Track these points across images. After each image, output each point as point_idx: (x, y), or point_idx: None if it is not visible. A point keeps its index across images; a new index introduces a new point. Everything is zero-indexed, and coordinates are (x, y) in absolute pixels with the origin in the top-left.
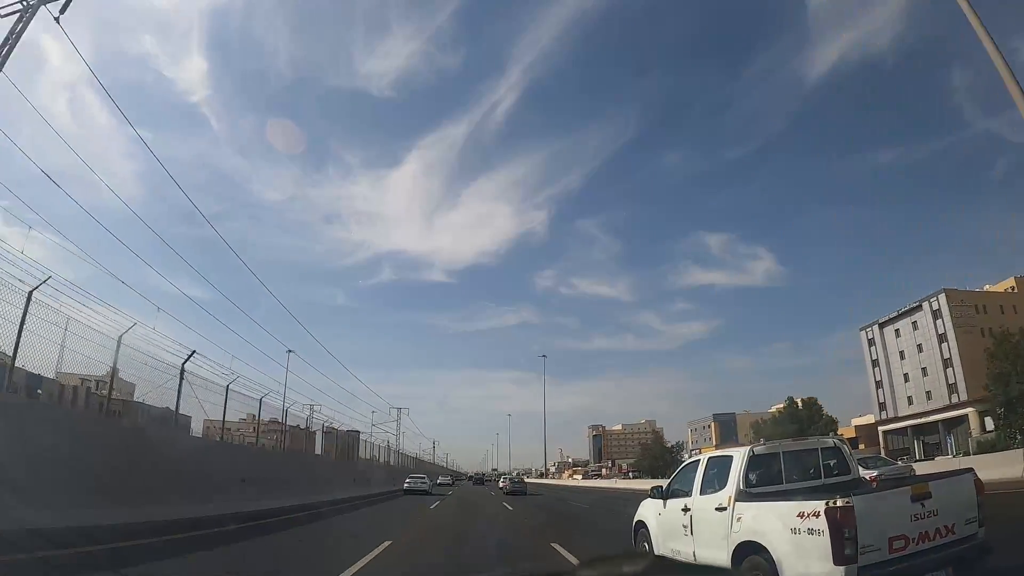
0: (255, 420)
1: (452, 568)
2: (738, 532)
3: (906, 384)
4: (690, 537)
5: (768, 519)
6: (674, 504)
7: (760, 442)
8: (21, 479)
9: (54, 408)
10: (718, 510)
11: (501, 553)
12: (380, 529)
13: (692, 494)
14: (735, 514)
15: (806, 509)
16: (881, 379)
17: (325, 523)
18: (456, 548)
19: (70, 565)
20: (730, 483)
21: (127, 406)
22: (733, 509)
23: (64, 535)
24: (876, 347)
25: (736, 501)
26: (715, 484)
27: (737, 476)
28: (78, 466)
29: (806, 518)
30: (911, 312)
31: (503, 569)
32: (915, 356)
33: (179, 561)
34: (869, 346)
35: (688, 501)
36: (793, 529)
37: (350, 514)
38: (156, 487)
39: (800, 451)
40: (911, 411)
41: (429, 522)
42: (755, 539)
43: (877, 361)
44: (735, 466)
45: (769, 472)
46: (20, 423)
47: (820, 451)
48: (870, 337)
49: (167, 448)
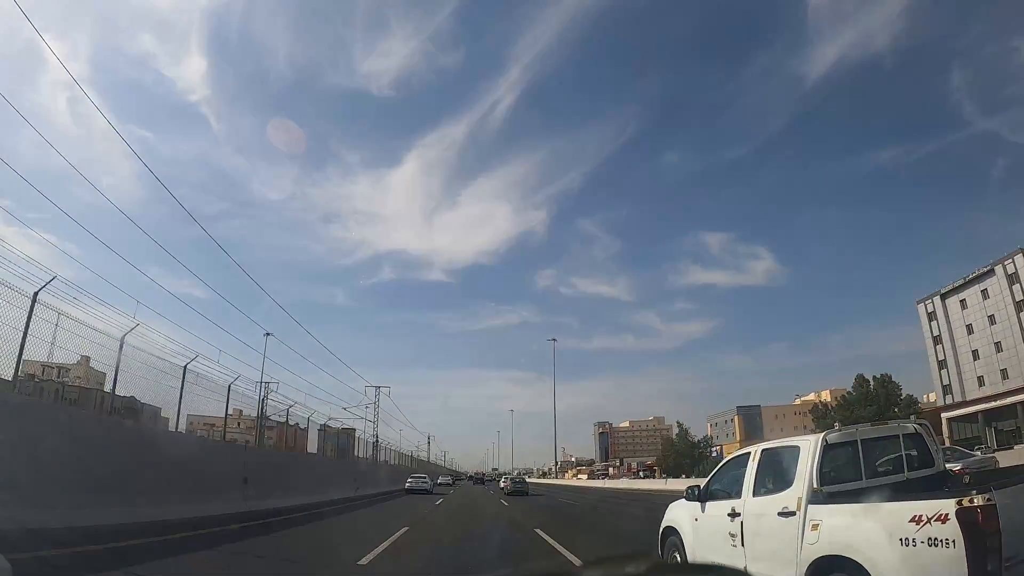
0: (240, 416)
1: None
2: (815, 544)
3: (975, 363)
4: (739, 549)
5: (863, 526)
6: (716, 508)
7: (835, 427)
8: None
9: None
10: (782, 515)
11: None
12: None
13: (742, 495)
14: (808, 520)
15: (926, 511)
16: (945, 358)
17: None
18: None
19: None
20: (798, 480)
21: (85, 394)
22: (805, 514)
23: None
24: (937, 321)
25: (809, 503)
26: (775, 482)
27: (808, 471)
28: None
29: (925, 524)
30: (980, 278)
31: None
32: (986, 330)
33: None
34: (929, 321)
35: (736, 504)
36: (904, 540)
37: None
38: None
39: (879, 439)
40: (982, 394)
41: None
42: (843, 553)
43: (939, 338)
44: (805, 459)
45: (844, 465)
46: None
47: (902, 438)
48: (930, 310)
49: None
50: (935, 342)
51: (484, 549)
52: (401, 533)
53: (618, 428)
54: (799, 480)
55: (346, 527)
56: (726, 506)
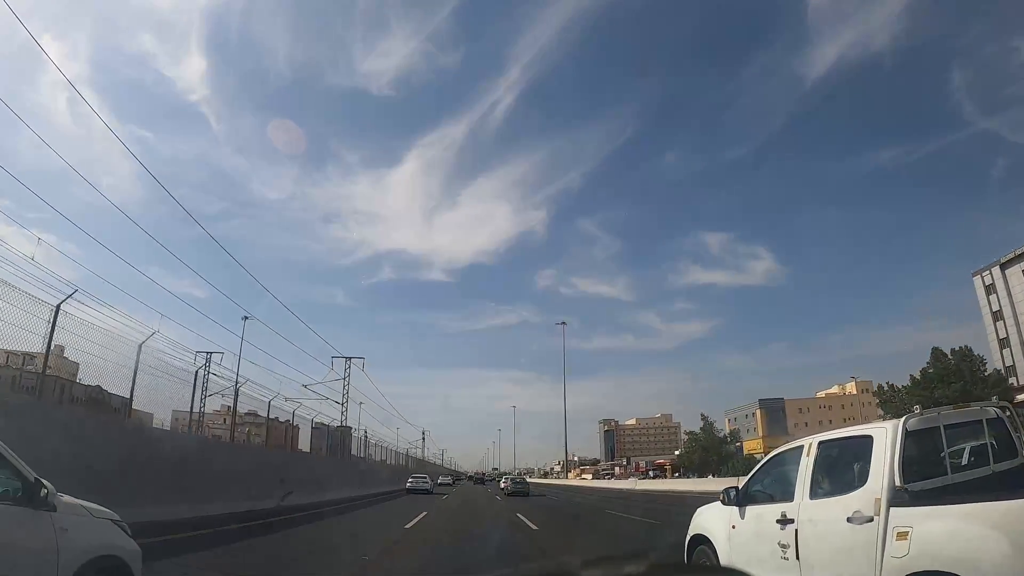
0: (228, 412)
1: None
2: (903, 556)
3: None
4: (792, 563)
5: (975, 534)
6: (759, 513)
7: (915, 411)
8: None
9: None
10: (853, 522)
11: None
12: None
13: (794, 498)
14: (892, 527)
15: None
16: (1007, 335)
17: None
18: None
19: None
20: (874, 477)
21: (45, 382)
22: (886, 519)
23: None
24: (997, 294)
25: (891, 506)
26: (839, 481)
27: (887, 466)
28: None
29: None
30: None
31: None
32: None
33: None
34: (988, 294)
35: (787, 508)
36: None
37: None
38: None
39: (960, 424)
40: None
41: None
42: (948, 569)
43: (1000, 313)
44: (881, 450)
45: (927, 457)
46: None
47: (984, 423)
48: (988, 282)
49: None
50: (995, 318)
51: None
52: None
53: (624, 426)
54: (875, 477)
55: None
56: (773, 511)
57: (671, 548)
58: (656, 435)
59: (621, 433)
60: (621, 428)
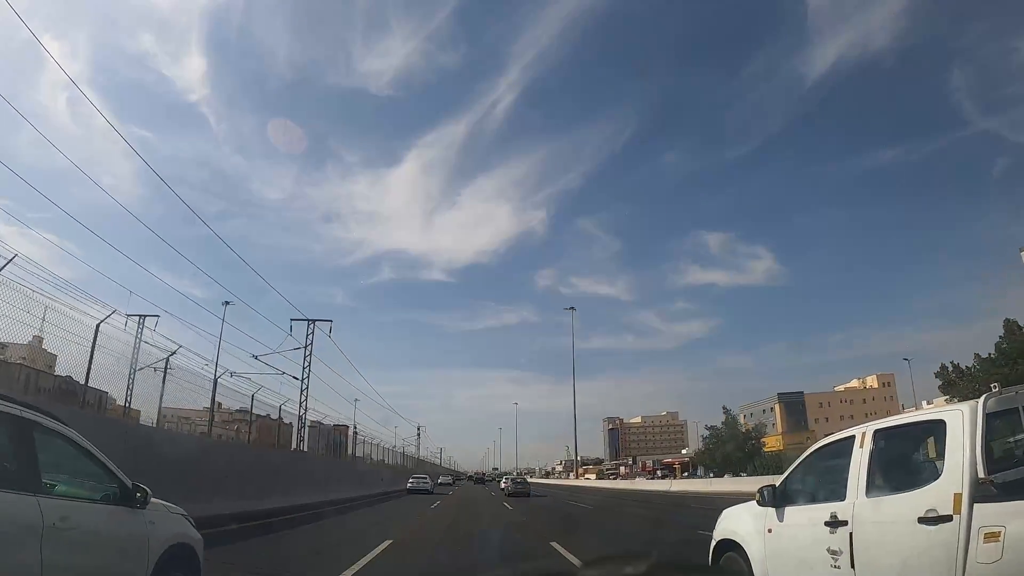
0: (211, 410)
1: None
2: (995, 562)
3: None
4: (847, 571)
5: None
6: (803, 515)
7: (994, 389)
8: None
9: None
10: (925, 522)
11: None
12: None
13: (846, 496)
14: (978, 527)
15: None
16: None
17: (389, 504)
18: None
19: None
20: (951, 469)
21: (6, 369)
22: (969, 518)
23: None
24: None
25: (975, 502)
26: (902, 476)
27: (967, 456)
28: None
29: None
30: None
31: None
32: None
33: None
34: None
35: (838, 509)
36: None
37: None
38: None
39: None
40: None
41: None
42: None
43: None
44: (957, 437)
45: (1005, 444)
46: None
47: None
48: None
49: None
50: None
51: None
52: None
53: (629, 424)
54: (952, 468)
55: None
56: (821, 511)
57: None
58: (662, 433)
59: (626, 432)
60: (626, 426)
